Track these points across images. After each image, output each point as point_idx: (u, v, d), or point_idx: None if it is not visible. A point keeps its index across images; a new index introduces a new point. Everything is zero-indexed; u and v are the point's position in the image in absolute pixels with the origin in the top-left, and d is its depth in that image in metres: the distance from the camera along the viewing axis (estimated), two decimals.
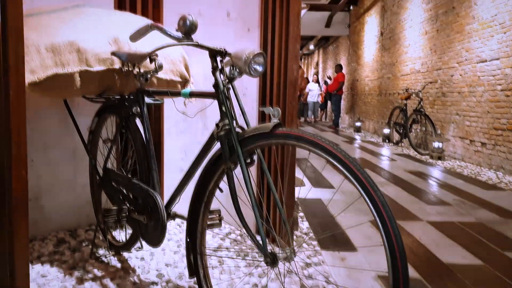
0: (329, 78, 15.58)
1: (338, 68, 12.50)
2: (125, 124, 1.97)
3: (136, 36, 1.52)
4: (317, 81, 15.59)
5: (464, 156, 6.03)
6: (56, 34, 1.74)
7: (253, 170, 2.53)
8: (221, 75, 1.44)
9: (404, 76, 8.57)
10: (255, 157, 1.40)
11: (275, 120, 1.28)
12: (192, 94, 1.60)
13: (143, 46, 2.04)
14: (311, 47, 21.09)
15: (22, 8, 1.21)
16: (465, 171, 5.23)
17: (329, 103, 14.97)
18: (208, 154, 1.52)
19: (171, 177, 2.61)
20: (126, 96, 1.99)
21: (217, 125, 1.40)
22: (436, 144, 6.13)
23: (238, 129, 1.39)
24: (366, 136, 10.08)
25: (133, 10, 2.60)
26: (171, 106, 2.73)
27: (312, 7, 12.80)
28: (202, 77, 2.53)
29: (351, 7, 13.40)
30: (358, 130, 11.04)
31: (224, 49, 1.45)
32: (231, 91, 1.44)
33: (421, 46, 7.71)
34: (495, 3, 5.28)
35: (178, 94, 1.66)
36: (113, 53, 1.85)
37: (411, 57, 8.17)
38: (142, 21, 2.17)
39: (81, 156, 2.50)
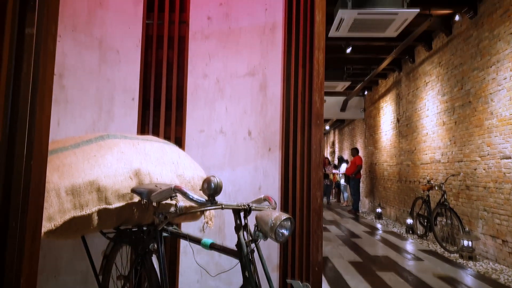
0: (343, 160, 15.54)
1: (355, 151, 12.50)
2: (141, 261, 1.87)
3: (158, 197, 1.48)
4: (329, 163, 15.62)
5: (498, 257, 5.65)
6: (78, 174, 1.73)
7: None
8: (245, 233, 1.36)
9: (424, 165, 8.45)
10: None
11: None
12: (213, 247, 1.51)
13: (166, 175, 2.01)
14: (327, 127, 21.42)
15: (47, 161, 1.20)
16: (502, 278, 4.85)
17: (340, 183, 14.81)
18: None
19: None
20: (144, 228, 1.92)
21: None
22: (466, 243, 5.79)
23: None
24: (388, 224, 9.71)
25: (156, 128, 2.64)
26: (187, 224, 2.65)
27: (327, 93, 13.19)
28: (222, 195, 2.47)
29: (366, 92, 13.76)
30: (379, 216, 10.69)
31: (248, 206, 1.39)
32: (255, 253, 1.35)
33: (439, 136, 7.68)
34: None
35: (198, 241, 1.58)
36: (133, 190, 1.82)
37: (430, 146, 8.11)
38: (163, 147, 2.17)
39: (92, 281, 2.38)
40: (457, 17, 6.71)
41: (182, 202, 1.79)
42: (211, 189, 1.32)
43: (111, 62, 2.67)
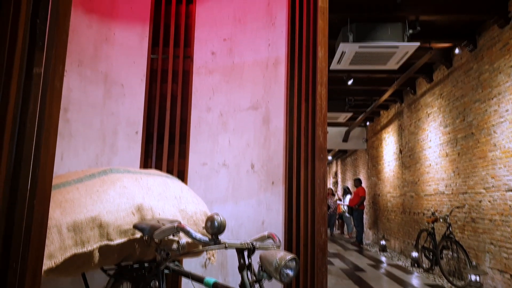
0: (348, 190, 15.44)
1: (358, 182, 12.43)
2: None
3: (161, 235, 1.46)
4: (333, 194, 15.51)
5: None
6: (80, 210, 1.71)
7: None
8: (249, 273, 1.33)
9: (428, 196, 8.37)
10: None
11: None
12: (216, 287, 1.47)
13: (168, 210, 1.99)
14: (329, 157, 21.39)
15: (49, 204, 1.18)
16: None
17: (345, 214, 14.63)
18: None
19: None
20: (145, 265, 1.88)
21: None
22: (473, 277, 5.65)
23: None
24: (393, 257, 9.51)
25: (159, 161, 2.64)
26: (189, 259, 2.60)
27: (329, 124, 13.26)
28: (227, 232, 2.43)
29: (368, 123, 13.82)
30: (383, 249, 10.49)
31: (252, 244, 1.36)
32: None
33: (442, 167, 7.64)
34: None
35: (200, 280, 1.54)
36: (135, 226, 1.79)
37: (434, 178, 8.06)
38: (165, 182, 2.16)
39: None
40: (457, 50, 6.82)
41: (184, 238, 1.76)
42: (215, 228, 1.30)
43: (115, 96, 2.70)
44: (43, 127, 1.10)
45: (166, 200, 2.04)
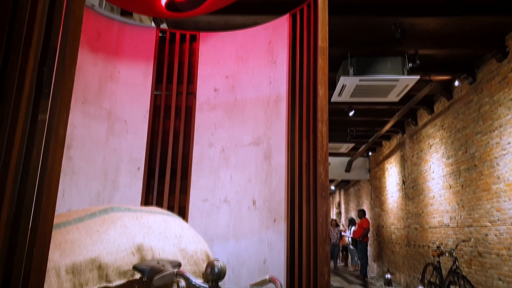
0: (353, 221, 15.25)
1: (361, 213, 12.29)
2: None
3: (160, 281, 1.44)
4: (337, 225, 15.31)
5: None
6: (80, 251, 1.70)
7: None
8: None
9: (432, 229, 8.25)
10: None
11: None
12: None
13: (169, 250, 1.98)
14: (332, 187, 21.26)
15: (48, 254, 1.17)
16: None
17: (349, 246, 14.37)
18: None
19: None
20: None
21: None
22: None
23: None
24: None
25: (160, 197, 2.64)
26: None
27: (332, 154, 13.26)
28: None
29: (370, 153, 13.82)
30: (388, 283, 10.25)
31: None
32: None
33: (446, 199, 7.57)
34: None
35: None
36: (134, 267, 1.77)
37: (438, 210, 7.97)
38: (166, 220, 2.15)
39: None
40: (456, 83, 6.90)
41: (183, 282, 1.74)
42: (215, 274, 1.28)
43: (118, 132, 2.73)
44: (45, 175, 1.11)
45: (166, 239, 2.03)
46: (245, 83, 2.93)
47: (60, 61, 1.19)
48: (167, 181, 2.74)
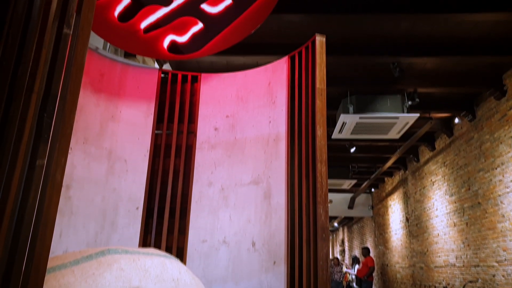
0: (357, 260, 14.91)
1: (366, 251, 12.03)
2: None
3: None
4: (338, 264, 14.96)
5: None
6: None
7: None
8: None
9: (438, 268, 8.05)
10: None
11: None
12: None
13: None
14: (335, 224, 20.96)
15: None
16: None
17: (352, 284, 13.95)
18: None
19: None
20: None
21: None
22: None
23: None
24: None
25: (158, 237, 2.60)
26: None
27: (334, 190, 13.16)
28: None
29: (373, 190, 13.72)
30: None
31: None
32: None
33: (451, 238, 7.44)
34: None
35: None
36: None
37: (443, 248, 7.81)
38: (163, 262, 2.12)
39: None
40: (456, 120, 6.96)
41: None
42: None
43: (118, 172, 2.73)
44: (40, 221, 1.10)
45: (163, 282, 1.99)
46: (245, 122, 2.96)
47: (60, 107, 1.22)
48: (165, 221, 2.71)
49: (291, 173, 2.59)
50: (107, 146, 2.73)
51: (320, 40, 2.56)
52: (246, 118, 2.97)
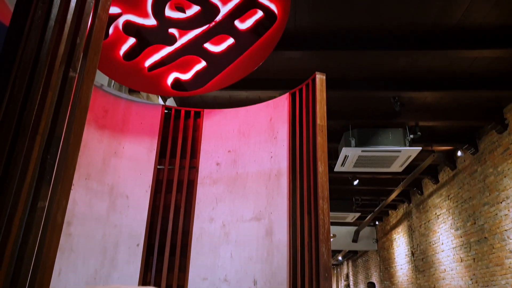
0: None
1: (371, 286, 11.72)
2: None
3: None
4: None
5: None
6: None
7: None
8: None
9: None
10: None
11: None
12: None
13: None
14: (340, 258, 20.54)
15: None
16: None
17: None
18: None
19: None
20: None
21: None
22: None
23: None
24: None
25: (158, 275, 2.56)
26: None
27: (338, 223, 12.98)
28: None
29: (377, 223, 13.52)
30: None
31: None
32: None
33: (458, 273, 7.26)
34: None
35: None
36: None
37: (451, 285, 7.61)
38: None
39: None
40: (459, 153, 6.95)
41: None
42: None
43: (120, 208, 2.73)
44: (39, 265, 1.10)
45: None
46: (247, 158, 2.97)
47: (63, 148, 1.24)
48: (166, 258, 2.68)
49: (293, 209, 2.58)
50: (109, 182, 2.74)
51: (320, 78, 2.61)
52: (248, 153, 2.99)
